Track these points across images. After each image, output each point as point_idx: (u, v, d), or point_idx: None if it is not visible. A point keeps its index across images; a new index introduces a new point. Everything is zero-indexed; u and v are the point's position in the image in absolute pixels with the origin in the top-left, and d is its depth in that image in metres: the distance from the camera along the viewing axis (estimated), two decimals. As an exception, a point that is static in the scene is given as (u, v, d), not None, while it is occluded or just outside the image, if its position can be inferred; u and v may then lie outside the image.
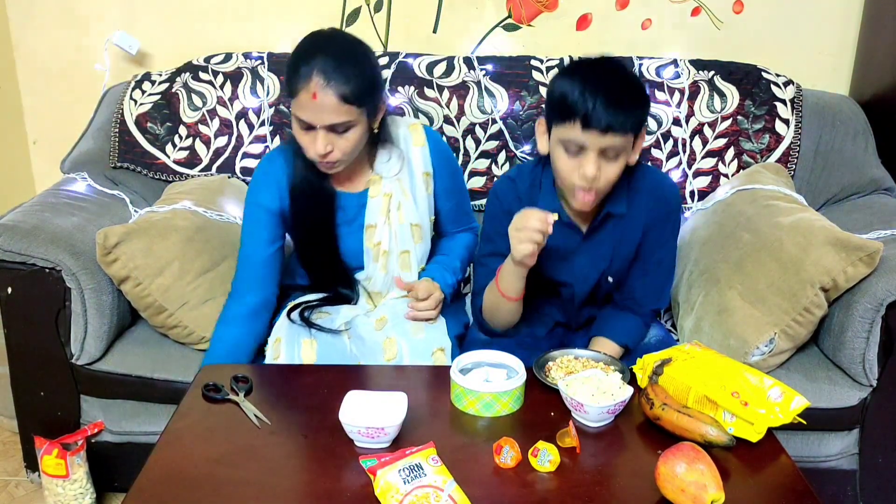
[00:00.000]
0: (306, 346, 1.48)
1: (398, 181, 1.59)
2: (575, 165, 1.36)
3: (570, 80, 1.34)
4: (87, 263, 1.60)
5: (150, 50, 2.18)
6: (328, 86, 1.38)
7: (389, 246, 1.59)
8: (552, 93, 1.38)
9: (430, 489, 1.02)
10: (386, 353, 1.48)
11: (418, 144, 1.61)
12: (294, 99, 1.42)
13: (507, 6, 2.12)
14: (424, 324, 1.54)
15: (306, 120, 1.41)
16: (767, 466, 1.14)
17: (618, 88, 1.33)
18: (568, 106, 1.32)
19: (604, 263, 1.53)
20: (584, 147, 1.33)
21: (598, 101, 1.30)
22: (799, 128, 1.95)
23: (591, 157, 1.34)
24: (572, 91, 1.32)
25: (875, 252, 1.49)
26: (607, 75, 1.35)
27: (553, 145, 1.40)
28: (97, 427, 1.68)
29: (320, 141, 1.42)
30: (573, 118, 1.32)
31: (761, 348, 1.55)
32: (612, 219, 1.49)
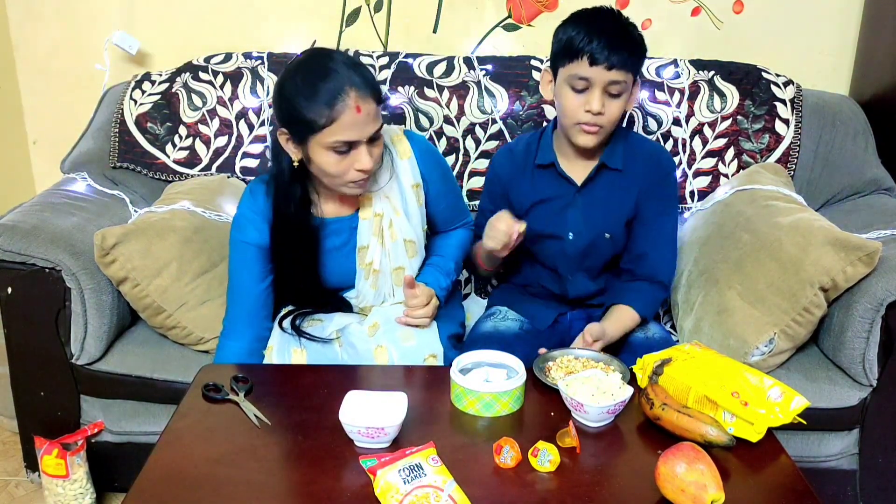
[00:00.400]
0: (297, 356, 1.48)
1: (388, 199, 1.55)
2: (581, 102, 1.48)
3: (575, 24, 1.48)
4: (87, 263, 1.60)
5: (150, 50, 2.18)
6: (366, 95, 1.36)
7: (381, 265, 1.56)
8: (559, 38, 1.51)
9: (430, 489, 1.02)
10: (377, 360, 1.48)
11: (404, 156, 1.57)
12: (326, 129, 1.35)
13: (507, 6, 2.12)
14: (415, 330, 1.52)
15: (352, 139, 1.36)
16: (767, 466, 1.14)
17: (620, 30, 1.48)
18: (575, 45, 1.46)
19: (599, 217, 1.59)
20: (591, 83, 1.47)
21: (603, 39, 1.44)
22: (799, 128, 1.95)
23: (596, 93, 1.47)
24: (579, 32, 1.46)
25: (874, 252, 1.49)
26: (610, 19, 1.50)
27: (560, 87, 1.52)
28: (97, 427, 1.68)
29: (365, 155, 1.39)
30: (580, 55, 1.45)
31: (761, 348, 1.55)
32: (607, 172, 1.58)
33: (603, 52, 1.44)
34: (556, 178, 1.61)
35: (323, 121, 1.34)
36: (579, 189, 1.60)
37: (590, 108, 1.47)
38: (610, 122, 1.50)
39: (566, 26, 1.50)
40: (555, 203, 1.61)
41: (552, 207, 1.61)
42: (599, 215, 1.60)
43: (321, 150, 1.38)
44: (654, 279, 1.63)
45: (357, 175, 1.42)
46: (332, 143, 1.37)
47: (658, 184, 1.61)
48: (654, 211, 1.61)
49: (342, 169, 1.40)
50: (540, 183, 1.62)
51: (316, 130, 1.36)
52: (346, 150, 1.38)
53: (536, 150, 1.64)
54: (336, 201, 1.56)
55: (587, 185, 1.59)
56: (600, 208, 1.60)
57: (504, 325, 1.62)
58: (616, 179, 1.59)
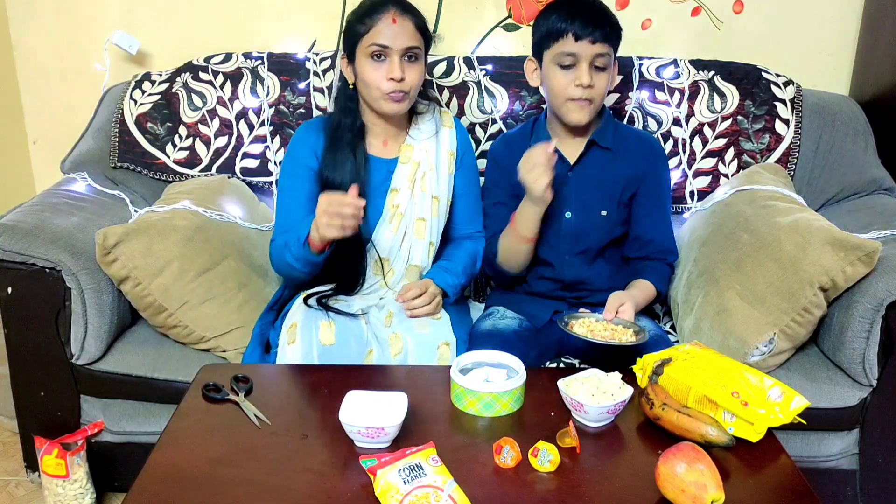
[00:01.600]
0: (325, 329, 1.49)
1: (426, 153, 1.68)
2: (570, 79, 1.57)
3: (554, 9, 1.58)
4: (87, 263, 1.60)
5: (150, 50, 2.18)
6: (405, 14, 1.57)
7: (406, 209, 1.65)
8: (540, 25, 1.61)
9: (430, 489, 1.02)
10: (392, 348, 1.50)
11: (447, 126, 1.73)
12: (366, 35, 1.55)
13: (507, 6, 2.12)
14: (429, 319, 1.56)
15: (385, 43, 1.53)
16: (767, 466, 1.14)
17: (597, 7, 1.59)
18: (559, 25, 1.56)
19: (593, 195, 1.66)
20: (577, 58, 1.55)
21: (584, 16, 1.54)
22: (799, 128, 1.95)
23: (584, 67, 1.56)
24: (560, 12, 1.56)
25: (873, 251, 1.49)
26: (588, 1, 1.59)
27: (547, 69, 1.61)
28: (97, 427, 1.68)
29: (397, 65, 1.54)
30: (565, 34, 1.55)
31: (761, 348, 1.55)
32: (598, 151, 1.66)
33: (586, 27, 1.53)
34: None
35: (363, 28, 1.56)
36: (572, 167, 1.66)
37: (580, 81, 1.55)
38: (599, 94, 1.59)
39: (545, 14, 1.60)
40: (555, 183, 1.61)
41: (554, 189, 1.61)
42: (594, 193, 1.66)
43: (364, 58, 1.57)
44: (665, 261, 1.73)
45: (390, 85, 1.55)
46: (370, 48, 1.55)
47: (653, 166, 1.70)
48: (654, 195, 1.70)
49: (378, 77, 1.56)
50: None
51: (359, 38, 1.56)
52: (382, 58, 1.55)
53: (531, 134, 1.71)
54: (380, 144, 1.68)
55: (579, 162, 1.66)
56: (594, 186, 1.66)
57: (503, 324, 1.63)
58: (607, 158, 1.67)
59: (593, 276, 1.70)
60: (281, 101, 2.00)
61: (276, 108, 2.00)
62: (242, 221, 1.83)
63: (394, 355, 1.49)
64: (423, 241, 1.67)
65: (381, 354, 1.50)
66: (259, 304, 1.70)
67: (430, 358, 1.49)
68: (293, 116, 1.99)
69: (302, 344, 1.47)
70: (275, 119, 2.00)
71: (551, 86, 1.60)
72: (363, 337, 1.52)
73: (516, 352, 1.52)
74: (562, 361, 1.64)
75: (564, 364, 1.63)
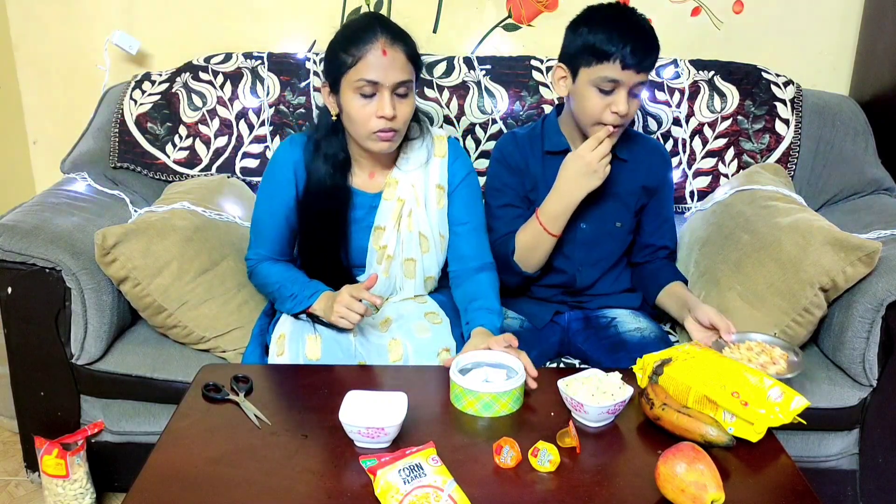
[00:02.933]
0: (311, 343, 1.47)
1: (413, 188, 1.58)
2: (606, 103, 1.50)
3: (602, 26, 1.48)
4: (87, 263, 1.60)
5: (150, 50, 2.18)
6: (395, 43, 1.44)
7: (395, 251, 1.59)
8: (583, 39, 1.50)
9: (430, 489, 1.02)
10: (391, 353, 1.48)
11: (439, 155, 1.61)
12: (353, 68, 1.43)
13: (507, 6, 2.12)
14: (429, 324, 1.54)
15: (375, 79, 1.42)
16: (767, 466, 1.14)
17: (646, 32, 1.51)
18: (606, 47, 1.46)
19: (608, 206, 1.64)
20: (619, 85, 1.48)
21: (634, 43, 1.46)
22: (799, 128, 1.95)
23: (623, 95, 1.49)
24: (609, 35, 1.47)
25: (874, 252, 1.49)
26: (634, 20, 1.51)
27: (581, 87, 1.52)
28: (97, 427, 1.68)
29: (387, 102, 1.43)
30: (611, 58, 1.46)
31: (761, 348, 1.55)
32: (615, 162, 1.59)
33: (635, 55, 1.46)
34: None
35: (351, 59, 1.43)
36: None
37: (617, 109, 1.49)
38: (629, 120, 1.55)
39: (590, 27, 1.50)
40: None
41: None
42: (609, 204, 1.64)
43: (350, 92, 1.45)
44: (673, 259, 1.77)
45: (379, 123, 1.45)
46: (358, 83, 1.43)
47: (665, 176, 1.71)
48: (665, 204, 1.72)
49: (366, 115, 1.45)
50: (551, 169, 1.61)
51: (345, 70, 1.44)
52: (371, 95, 1.44)
53: (542, 136, 1.67)
54: (366, 176, 1.60)
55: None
56: (610, 197, 1.64)
57: (504, 324, 1.62)
58: (622, 169, 1.63)
59: (603, 284, 1.70)
60: (281, 101, 2.00)
61: (276, 108, 2.00)
62: (242, 221, 1.83)
63: (393, 361, 1.48)
64: (414, 281, 1.62)
65: (377, 362, 1.48)
66: (258, 304, 1.70)
67: (431, 363, 1.48)
68: (293, 116, 1.99)
69: (289, 356, 1.46)
70: (275, 119, 2.00)
71: (583, 105, 1.53)
72: (351, 350, 1.49)
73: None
74: (562, 361, 1.65)
75: (564, 364, 1.64)
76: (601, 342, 1.62)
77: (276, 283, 1.56)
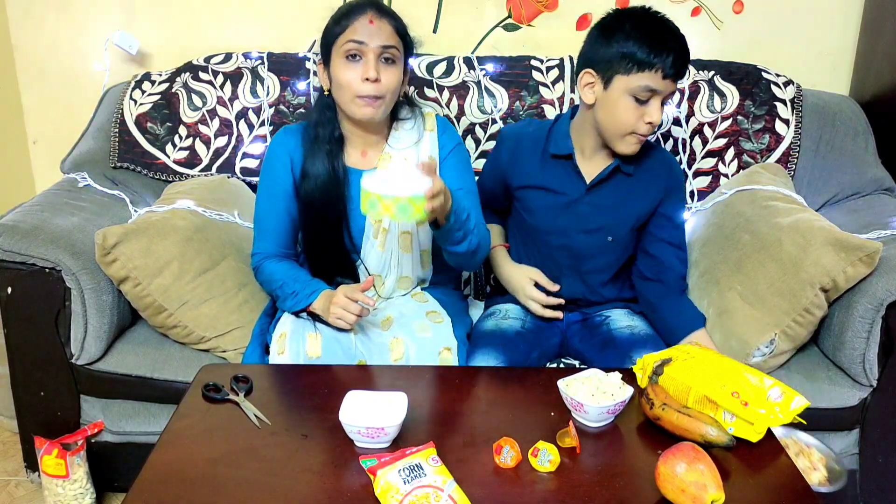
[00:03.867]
0: (311, 341, 1.47)
1: (405, 161, 1.60)
2: (640, 113, 1.48)
3: (643, 33, 1.45)
4: (87, 263, 1.60)
5: (150, 50, 2.18)
6: (383, 16, 1.51)
7: (390, 224, 1.61)
8: (619, 46, 1.46)
9: (430, 489, 1.02)
10: (393, 353, 1.48)
11: (429, 129, 1.65)
12: (341, 35, 1.50)
13: (507, 6, 2.12)
14: (430, 323, 1.54)
15: (360, 39, 1.48)
16: (767, 466, 1.14)
17: (681, 39, 1.48)
18: (648, 57, 1.43)
19: (604, 219, 1.60)
20: (655, 94, 1.46)
21: (675, 52, 1.44)
22: (799, 128, 1.95)
23: (657, 104, 1.47)
24: (652, 43, 1.44)
25: (874, 252, 1.49)
26: (673, 28, 1.48)
27: (615, 95, 1.48)
28: (97, 427, 1.68)
29: (372, 65, 1.48)
30: (654, 68, 1.44)
31: (762, 349, 1.55)
32: (619, 175, 1.58)
33: (675, 64, 1.44)
34: (568, 172, 1.61)
35: (339, 29, 1.51)
36: (588, 188, 1.60)
37: (651, 119, 1.47)
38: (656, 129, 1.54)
39: (627, 34, 1.45)
40: (561, 198, 1.61)
41: (558, 202, 1.62)
42: (605, 218, 1.61)
43: (338, 60, 1.51)
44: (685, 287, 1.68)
45: (364, 87, 1.48)
46: (345, 46, 1.49)
47: (672, 189, 1.63)
48: (675, 226, 1.64)
49: (351, 77, 1.49)
50: (550, 172, 1.62)
51: (335, 39, 1.51)
52: (357, 59, 1.49)
53: (548, 137, 1.64)
54: (358, 154, 1.62)
55: (597, 185, 1.59)
56: (607, 211, 1.60)
57: (506, 324, 1.62)
58: (626, 183, 1.60)
59: (595, 295, 1.68)
60: (281, 101, 2.00)
61: (276, 107, 2.00)
62: (242, 221, 1.83)
63: (394, 360, 1.48)
64: (411, 255, 1.64)
65: (378, 361, 1.48)
66: (258, 303, 1.70)
67: (432, 363, 1.48)
68: (293, 116, 1.99)
69: (290, 354, 1.46)
70: (275, 119, 2.00)
71: (615, 114, 1.49)
72: (351, 349, 1.49)
73: (518, 352, 1.53)
74: (562, 362, 1.65)
75: (564, 365, 1.63)
76: (593, 339, 1.62)
77: (279, 280, 1.56)
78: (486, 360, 1.50)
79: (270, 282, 1.59)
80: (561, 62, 2.00)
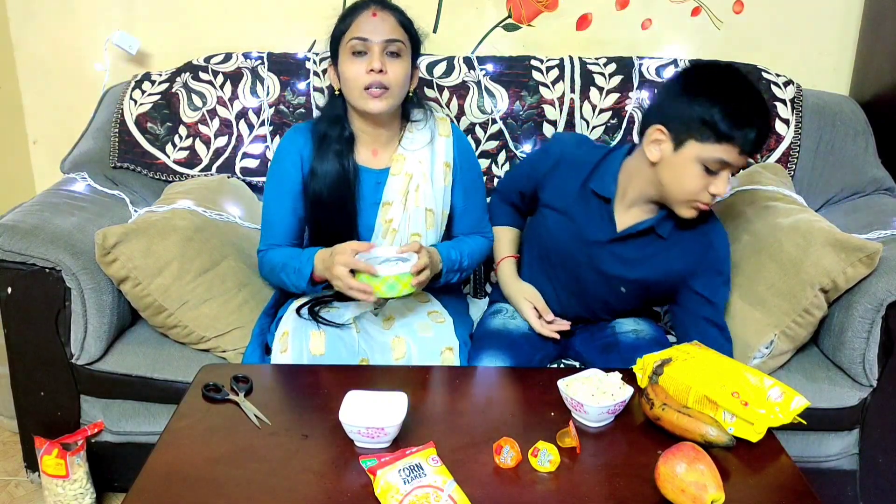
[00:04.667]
0: (315, 338, 1.48)
1: (420, 164, 1.61)
2: (706, 184, 1.38)
3: (728, 103, 1.33)
4: (87, 263, 1.60)
5: (150, 50, 2.18)
6: (385, 9, 1.53)
7: (400, 225, 1.61)
8: (702, 110, 1.34)
9: (430, 489, 1.02)
10: (395, 352, 1.49)
11: (443, 135, 1.65)
12: (347, 32, 1.52)
13: (507, 6, 2.12)
14: (432, 323, 1.54)
15: (364, 35, 1.50)
16: (767, 466, 1.14)
17: (768, 114, 1.38)
18: (728, 129, 1.33)
19: (624, 270, 1.53)
20: (727, 167, 1.37)
21: (757, 129, 1.34)
22: (799, 128, 1.95)
23: (726, 176, 1.38)
24: (735, 116, 1.33)
25: (874, 253, 1.49)
26: (760, 100, 1.38)
27: (685, 160, 1.38)
28: (97, 427, 1.68)
29: (377, 56, 1.50)
30: (731, 141, 1.34)
31: (762, 350, 1.55)
32: (651, 235, 1.50)
33: (756, 143, 1.35)
34: (602, 214, 1.52)
35: (344, 26, 1.53)
36: (615, 238, 1.52)
37: (716, 191, 1.37)
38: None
39: (713, 100, 1.34)
40: (585, 235, 1.54)
41: (581, 238, 1.54)
42: (624, 270, 1.53)
43: (345, 57, 1.52)
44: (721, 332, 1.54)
45: (370, 78, 1.49)
46: (350, 43, 1.51)
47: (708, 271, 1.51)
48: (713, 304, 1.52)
49: (357, 71, 1.50)
50: (583, 205, 1.54)
51: (341, 36, 1.53)
52: (363, 53, 1.50)
53: (594, 168, 1.53)
54: (369, 153, 1.62)
55: (626, 238, 1.51)
56: (628, 265, 1.53)
57: (513, 324, 1.62)
58: (657, 244, 1.51)
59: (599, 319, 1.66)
60: (281, 101, 2.00)
61: (276, 108, 2.00)
62: (242, 221, 1.83)
63: (396, 359, 1.48)
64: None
65: (380, 360, 1.49)
66: (259, 304, 1.70)
67: (434, 363, 1.48)
68: (293, 116, 1.99)
69: (293, 352, 1.46)
70: (275, 119, 2.00)
71: (681, 179, 1.39)
72: (354, 347, 1.50)
73: (522, 353, 1.53)
74: (562, 363, 1.64)
75: (565, 365, 1.63)
76: (595, 343, 1.62)
77: (280, 263, 1.56)
78: (492, 362, 1.50)
79: (273, 269, 1.58)
80: (561, 62, 2.00)
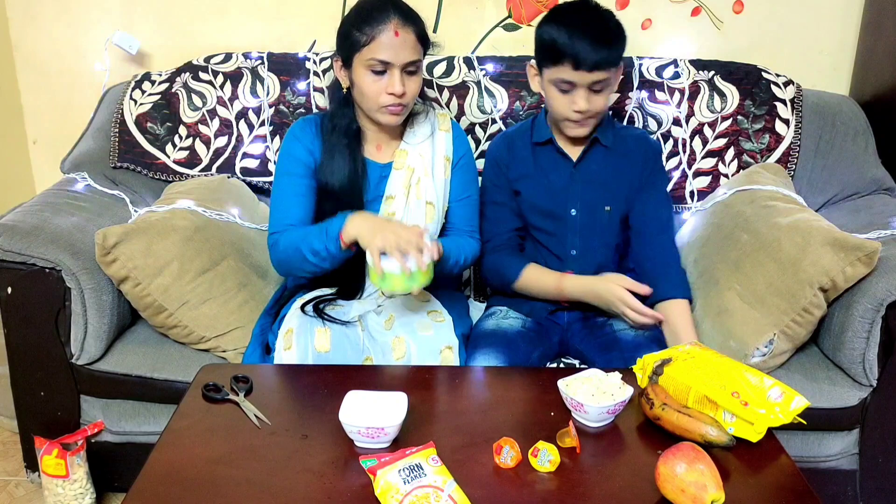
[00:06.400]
0: (320, 335, 1.48)
1: (421, 158, 1.64)
2: (568, 101, 1.56)
3: (556, 26, 1.53)
4: (87, 263, 1.60)
5: (150, 50, 2.18)
6: (407, 25, 1.51)
7: (402, 217, 1.62)
8: (541, 39, 1.57)
9: (430, 489, 1.02)
10: (395, 351, 1.49)
11: (444, 129, 1.69)
12: (366, 47, 1.50)
13: (507, 6, 2.12)
14: (432, 322, 1.55)
15: (387, 59, 1.49)
16: (767, 466, 1.14)
17: (601, 29, 1.52)
18: (558, 50, 1.51)
19: (597, 192, 1.67)
20: (575, 85, 1.53)
21: (585, 43, 1.49)
22: (799, 128, 1.95)
23: (581, 93, 1.54)
24: (560, 36, 1.51)
25: (873, 252, 1.49)
26: (591, 18, 1.55)
27: (546, 85, 1.60)
28: (97, 427, 1.68)
29: (398, 80, 1.51)
30: (563, 60, 1.51)
31: (761, 349, 1.55)
32: (600, 148, 1.67)
33: (586, 56, 1.49)
34: (554, 155, 1.69)
35: (364, 39, 1.50)
36: (575, 165, 1.68)
37: (577, 107, 1.55)
38: (597, 113, 1.59)
39: (546, 25, 1.56)
40: (555, 181, 1.69)
41: (553, 185, 1.69)
42: (597, 190, 1.68)
43: (361, 69, 1.52)
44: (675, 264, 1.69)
45: (389, 99, 1.52)
46: (370, 62, 1.50)
47: (651, 164, 1.70)
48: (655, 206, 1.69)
49: (376, 90, 1.52)
50: (540, 160, 1.70)
51: (358, 48, 1.51)
52: (382, 72, 1.51)
53: (531, 130, 1.72)
54: (373, 148, 1.65)
55: (582, 160, 1.68)
56: (597, 183, 1.68)
57: (507, 324, 1.63)
58: (608, 156, 1.68)
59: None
60: (281, 101, 2.00)
61: (276, 108, 2.00)
62: (242, 221, 1.83)
63: (396, 359, 1.48)
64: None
65: (381, 359, 1.50)
66: (259, 304, 1.70)
67: (433, 362, 1.49)
68: (293, 116, 1.99)
69: (298, 350, 1.46)
70: (275, 119, 2.00)
71: (550, 103, 1.61)
72: (359, 344, 1.51)
73: (519, 352, 1.53)
74: (562, 362, 1.65)
75: (564, 364, 1.64)
76: (596, 341, 1.62)
77: (301, 234, 1.51)
78: (486, 360, 1.51)
79: (289, 245, 1.52)
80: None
